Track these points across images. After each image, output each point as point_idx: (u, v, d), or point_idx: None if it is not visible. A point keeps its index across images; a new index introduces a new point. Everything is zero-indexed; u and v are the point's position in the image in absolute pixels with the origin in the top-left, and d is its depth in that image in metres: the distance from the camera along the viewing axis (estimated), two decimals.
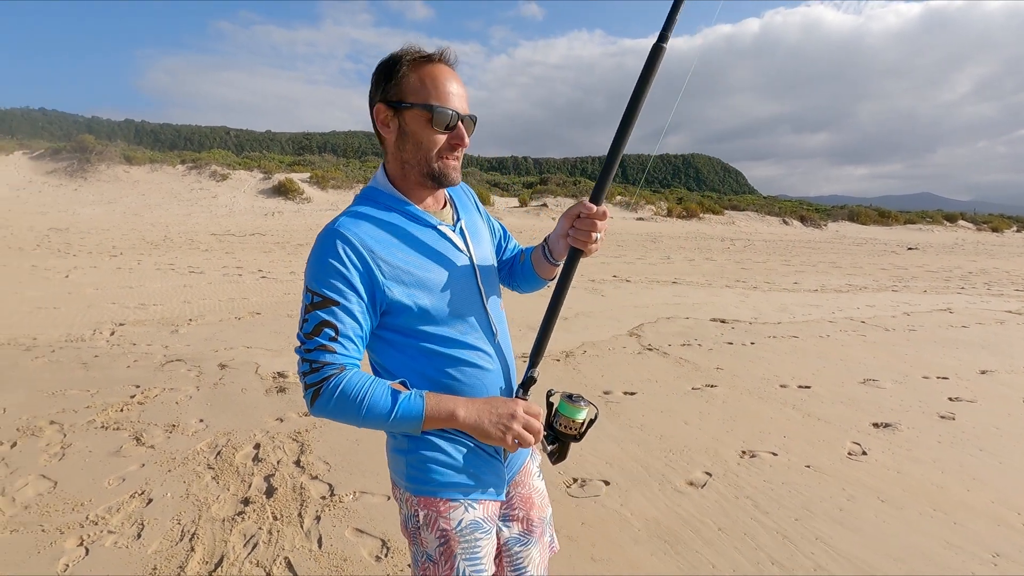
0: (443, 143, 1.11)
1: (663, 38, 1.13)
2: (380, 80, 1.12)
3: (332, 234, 1.07)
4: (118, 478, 2.78)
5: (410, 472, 1.14)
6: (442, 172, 1.13)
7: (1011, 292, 10.63)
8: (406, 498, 1.16)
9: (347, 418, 1.04)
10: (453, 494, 1.13)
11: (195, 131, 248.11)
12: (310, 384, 1.03)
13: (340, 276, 1.05)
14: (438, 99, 1.09)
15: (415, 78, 1.09)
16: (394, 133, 1.13)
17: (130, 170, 23.71)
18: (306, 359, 1.04)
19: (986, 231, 38.50)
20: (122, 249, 11.27)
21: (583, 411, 1.16)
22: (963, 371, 5.05)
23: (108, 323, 5.74)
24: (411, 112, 1.09)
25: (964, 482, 2.99)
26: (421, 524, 1.13)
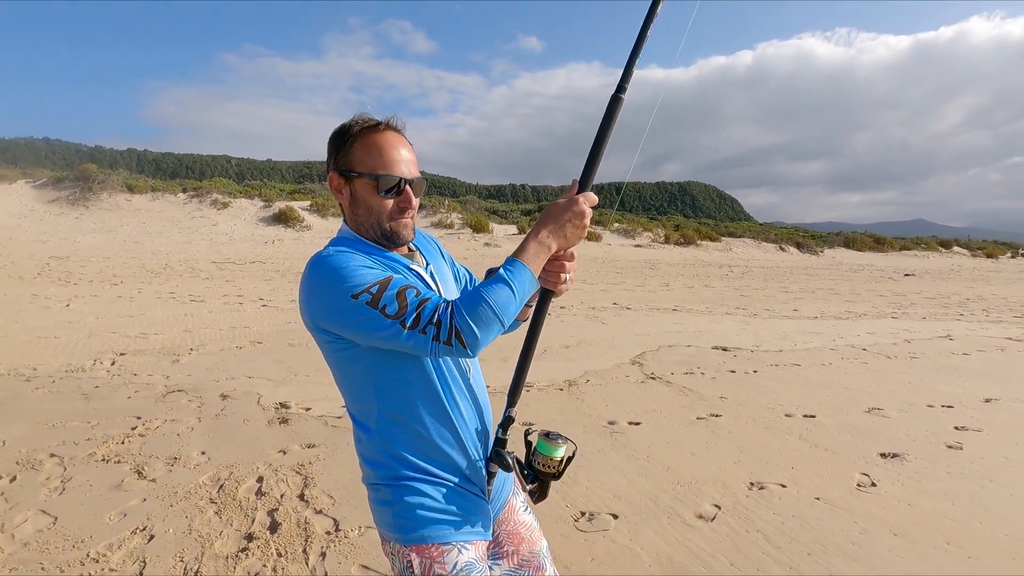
0: (392, 207, 1.17)
1: (621, 89, 1.16)
2: (332, 150, 1.19)
3: (331, 253, 1.10)
4: (119, 513, 2.74)
5: (397, 522, 1.13)
6: (394, 232, 1.19)
7: (1010, 319, 10.66)
8: (397, 550, 1.14)
9: (491, 326, 1.03)
10: (444, 537, 1.13)
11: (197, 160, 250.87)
12: (445, 337, 1.01)
13: (367, 267, 1.08)
14: (384, 167, 1.15)
15: (361, 147, 1.15)
16: (347, 199, 1.19)
17: (132, 198, 23.90)
18: (423, 326, 1.01)
19: (981, 257, 38.79)
20: (123, 278, 11.28)
21: (561, 448, 1.18)
22: (967, 399, 5.04)
23: (109, 353, 5.71)
24: (360, 180, 1.16)
25: (976, 515, 2.96)
26: (417, 574, 1.11)
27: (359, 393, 1.17)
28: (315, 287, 1.09)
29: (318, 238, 22.56)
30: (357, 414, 1.20)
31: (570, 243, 1.15)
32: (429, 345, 1.03)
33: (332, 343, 1.14)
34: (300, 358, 5.78)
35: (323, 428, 3.92)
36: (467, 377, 1.25)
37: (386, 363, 1.13)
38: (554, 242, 1.13)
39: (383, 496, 1.16)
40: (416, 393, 1.15)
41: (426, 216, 29.28)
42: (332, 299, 1.06)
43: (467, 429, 1.20)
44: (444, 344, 1.02)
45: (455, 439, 1.18)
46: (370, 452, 1.18)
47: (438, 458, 1.17)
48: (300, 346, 6.29)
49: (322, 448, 3.57)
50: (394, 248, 1.23)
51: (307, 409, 4.29)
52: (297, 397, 4.56)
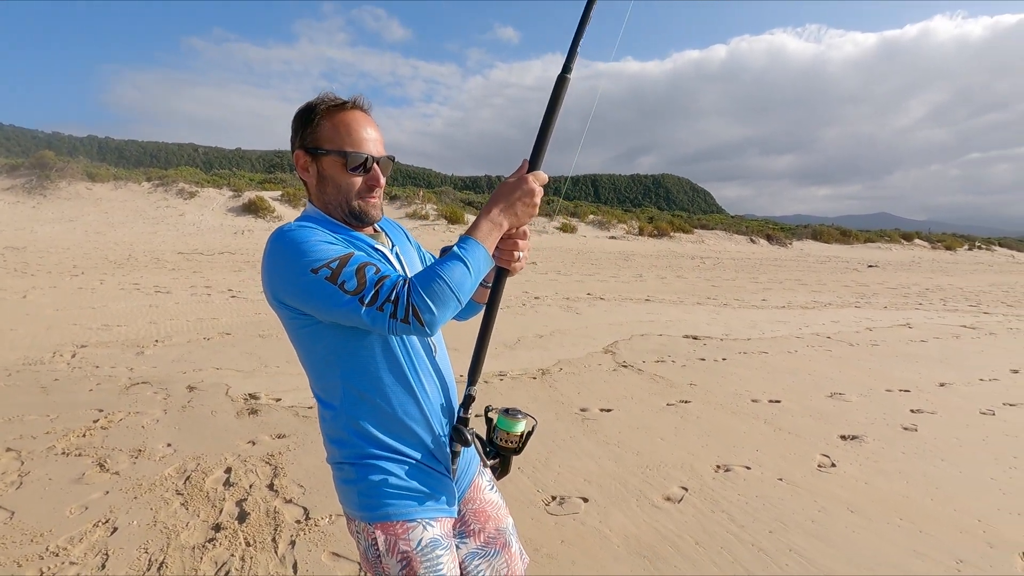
0: (360, 185, 1.18)
1: (566, 69, 1.19)
2: (298, 128, 1.18)
3: (293, 228, 1.09)
4: (80, 506, 2.67)
5: (362, 500, 1.13)
6: (362, 211, 1.19)
7: (965, 307, 11.12)
8: (362, 528, 1.15)
9: (447, 304, 1.03)
10: (409, 514, 1.14)
11: (161, 148, 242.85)
12: (403, 314, 1.01)
13: (329, 243, 1.08)
14: (352, 145, 1.15)
15: (329, 125, 1.16)
16: (314, 177, 1.19)
17: (93, 187, 23.05)
18: (380, 303, 1.01)
19: (940, 249, 40.28)
20: (84, 268, 10.90)
21: (520, 423, 1.21)
22: (923, 384, 5.25)
23: (69, 345, 5.53)
24: (327, 158, 1.16)
25: (928, 492, 3.10)
26: (381, 551, 1.12)
27: (323, 371, 1.17)
28: (275, 260, 1.08)
29: None
30: (321, 392, 1.19)
31: (521, 221, 1.16)
32: (387, 322, 1.02)
33: (294, 319, 1.14)
34: (270, 349, 5.69)
35: (293, 418, 3.87)
36: (432, 355, 1.25)
37: (350, 340, 1.13)
38: (505, 220, 1.13)
39: (347, 475, 1.16)
40: (381, 370, 1.15)
41: (400, 207, 28.98)
42: (291, 273, 1.06)
43: (432, 407, 1.20)
44: (401, 322, 1.02)
45: (420, 416, 1.18)
46: (334, 431, 1.17)
47: (403, 435, 1.17)
48: (270, 337, 6.19)
49: (292, 438, 3.53)
50: (360, 228, 1.23)
51: (277, 400, 4.24)
52: (267, 388, 4.49)
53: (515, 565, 1.32)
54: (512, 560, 1.32)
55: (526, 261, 1.24)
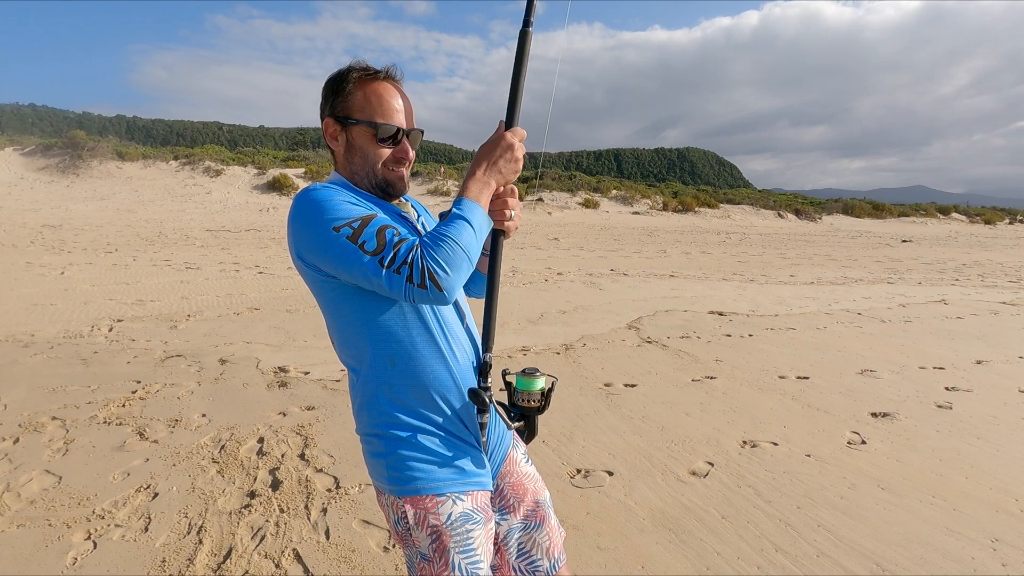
0: (388, 156, 1.18)
1: (527, 23, 1.18)
2: (328, 95, 1.18)
3: (319, 187, 1.10)
4: (123, 473, 2.78)
5: (391, 474, 1.12)
6: (388, 182, 1.19)
7: (1004, 283, 10.72)
8: (391, 502, 1.13)
9: (460, 265, 1.02)
10: (438, 488, 1.11)
11: (187, 126, 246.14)
12: (419, 279, 0.99)
13: (352, 204, 1.08)
14: (382, 116, 1.15)
15: (361, 95, 1.16)
16: (343, 146, 1.19)
17: (123, 166, 23.53)
18: (397, 265, 1.00)
19: (979, 223, 38.76)
20: (117, 245, 11.20)
21: (539, 380, 1.17)
22: (959, 361, 5.10)
23: (106, 319, 5.72)
24: (357, 128, 1.16)
25: (963, 470, 3.03)
26: (411, 524, 1.11)
27: (351, 336, 1.14)
28: (299, 217, 1.08)
29: None
30: (350, 359, 1.17)
31: (507, 178, 1.15)
32: (403, 287, 1.00)
33: (320, 280, 1.12)
34: (298, 324, 5.79)
35: (322, 391, 3.95)
36: (462, 320, 1.23)
37: (380, 303, 1.11)
38: (492, 178, 1.13)
39: (376, 448, 1.14)
40: (411, 335, 1.13)
41: (421, 183, 28.96)
42: (314, 230, 1.05)
43: (464, 374, 1.17)
44: (418, 287, 1.00)
45: (452, 384, 1.15)
46: (363, 398, 1.15)
47: (434, 404, 1.14)
48: (297, 312, 6.30)
49: (321, 410, 3.61)
50: (388, 200, 1.22)
51: (306, 373, 4.33)
52: (295, 361, 4.59)
53: (555, 537, 1.32)
54: (552, 533, 1.31)
55: (519, 221, 1.22)
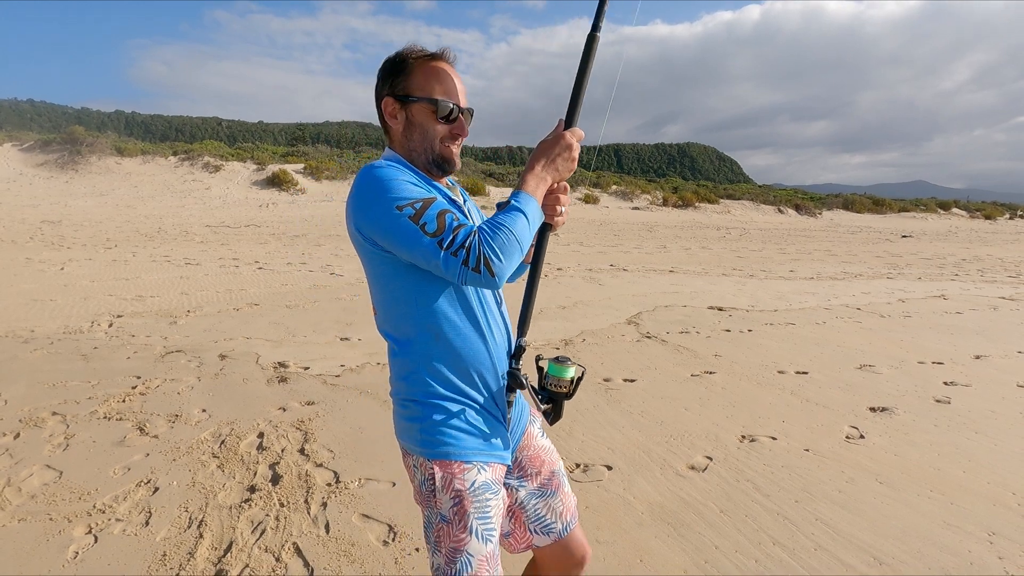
0: (445, 132, 1.23)
1: (595, 28, 1.25)
2: (387, 76, 1.23)
3: (383, 165, 1.16)
4: (123, 467, 2.79)
5: (424, 437, 1.18)
6: (444, 158, 1.24)
7: (1004, 279, 10.72)
8: (420, 463, 1.19)
9: (513, 254, 1.08)
10: (466, 456, 1.18)
11: (186, 122, 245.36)
12: (474, 263, 1.05)
13: (414, 185, 1.14)
14: (441, 93, 1.22)
15: (421, 75, 1.22)
16: (401, 124, 1.24)
17: (122, 162, 23.49)
18: (455, 249, 1.06)
19: (979, 219, 38.71)
20: (116, 241, 11.20)
21: (570, 370, 1.26)
22: (958, 356, 5.11)
23: (106, 315, 5.72)
24: (417, 105, 1.22)
25: (961, 464, 3.04)
26: (437, 486, 1.17)
27: (399, 309, 1.19)
28: (362, 194, 1.13)
29: (312, 201, 22.32)
30: (393, 330, 1.22)
31: (562, 175, 1.21)
32: (459, 269, 1.06)
33: (376, 255, 1.17)
34: (298, 319, 5.80)
35: (322, 386, 3.96)
36: (500, 305, 1.31)
37: (430, 281, 1.17)
38: (548, 175, 1.19)
39: (412, 412, 1.20)
40: (456, 313, 1.19)
41: None
42: (377, 207, 1.10)
43: (498, 353, 1.25)
44: (472, 271, 1.06)
45: (488, 362, 1.23)
46: (404, 368, 1.21)
47: (470, 378, 1.21)
48: (297, 308, 6.31)
49: (321, 405, 3.62)
50: (438, 178, 1.28)
51: (305, 368, 4.33)
52: (295, 357, 4.59)
53: (569, 503, 1.42)
54: (566, 499, 1.42)
55: (567, 216, 1.30)
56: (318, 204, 21.81)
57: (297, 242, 12.60)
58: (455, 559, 1.16)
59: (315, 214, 19.47)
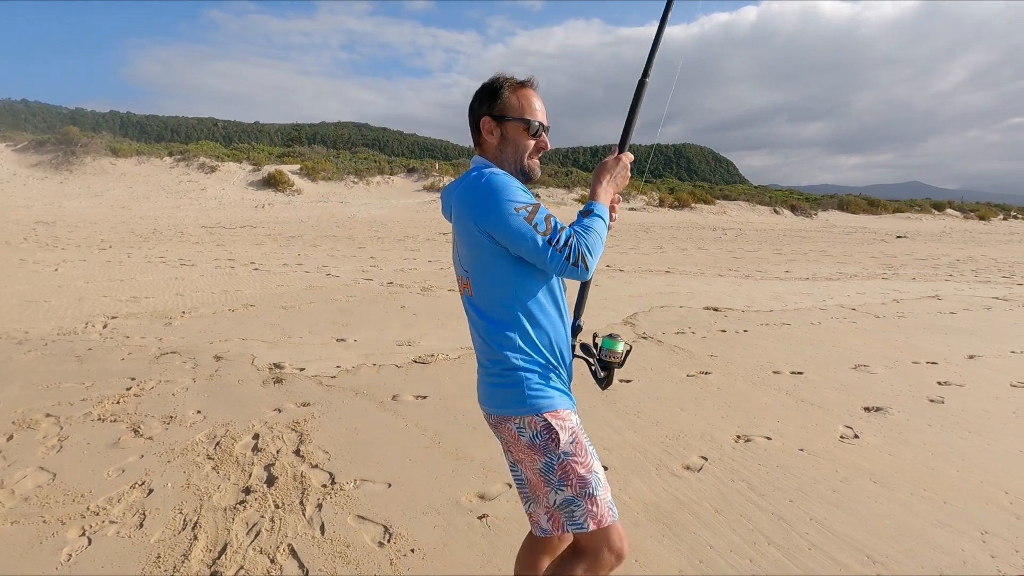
0: (532, 147, 1.50)
1: (645, 74, 1.66)
2: (485, 99, 1.48)
3: (500, 174, 1.40)
4: (117, 469, 2.78)
5: (530, 397, 1.41)
6: (530, 168, 1.51)
7: (998, 279, 10.78)
8: (528, 421, 1.41)
9: (599, 252, 1.38)
10: (566, 405, 1.45)
11: (182, 122, 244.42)
12: (575, 259, 1.32)
13: (525, 192, 1.39)
14: (531, 114, 1.47)
15: (514, 98, 1.47)
16: (496, 139, 1.48)
17: (117, 162, 23.40)
18: (560, 246, 1.32)
19: (973, 219, 38.94)
20: (111, 242, 11.16)
21: (621, 343, 1.58)
22: (952, 356, 5.13)
23: (100, 316, 5.70)
24: (511, 124, 1.47)
25: (954, 463, 3.06)
26: (555, 431, 1.40)
27: (505, 294, 1.42)
28: (483, 196, 1.35)
29: (308, 202, 22.28)
30: (496, 312, 1.43)
31: (619, 188, 1.56)
32: (560, 263, 1.32)
33: (489, 247, 1.39)
34: (293, 320, 5.79)
35: (317, 387, 3.95)
36: (565, 291, 1.57)
37: (533, 273, 1.42)
38: (611, 188, 1.53)
39: (515, 379, 1.41)
40: (548, 298, 1.46)
41: (418, 179, 28.90)
42: (498, 207, 1.33)
43: (567, 331, 1.53)
44: (572, 264, 1.33)
45: (565, 337, 1.50)
46: (507, 342, 1.42)
47: (553, 351, 1.46)
48: (293, 309, 6.30)
49: (316, 406, 3.61)
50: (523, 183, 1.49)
51: (301, 369, 4.32)
52: (291, 358, 4.59)
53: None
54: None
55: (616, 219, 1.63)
56: (314, 205, 21.77)
57: (293, 243, 12.57)
58: (587, 480, 1.41)
59: (311, 215, 19.44)
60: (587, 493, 1.40)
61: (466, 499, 2.60)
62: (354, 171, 27.54)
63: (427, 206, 23.80)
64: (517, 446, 1.44)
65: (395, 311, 6.37)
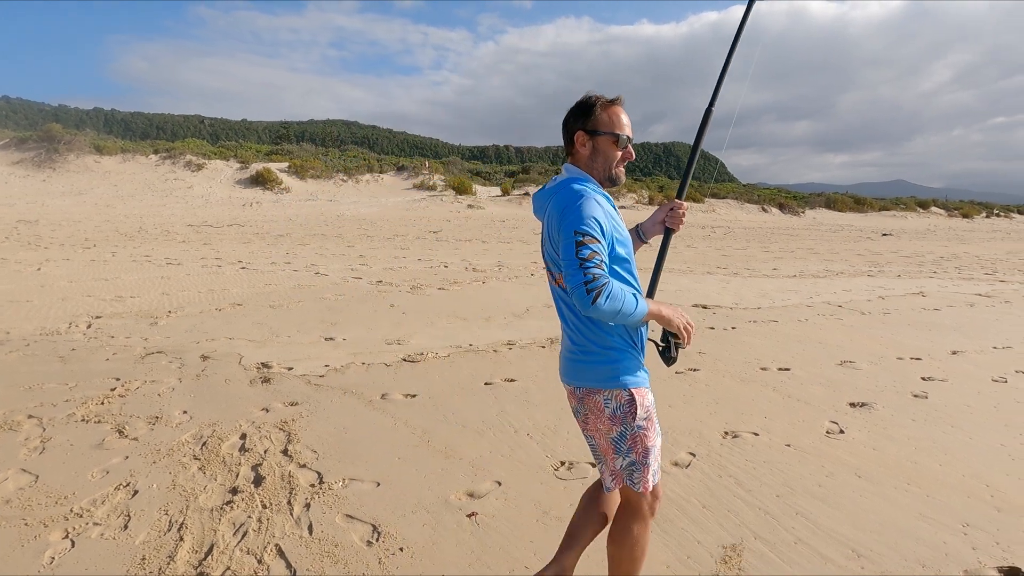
0: (619, 157, 1.71)
1: (712, 104, 1.97)
2: (579, 115, 1.69)
3: (589, 195, 1.60)
4: (102, 471, 2.74)
5: (622, 374, 1.65)
6: (617, 175, 1.73)
7: (980, 276, 10.95)
8: (614, 394, 1.65)
9: (612, 312, 1.49)
10: (647, 384, 1.71)
11: (168, 120, 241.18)
12: (591, 289, 1.46)
13: (598, 222, 1.55)
14: (619, 129, 1.68)
15: (605, 115, 1.68)
16: (588, 150, 1.69)
17: (101, 160, 23.07)
18: (587, 274, 1.47)
19: (957, 217, 39.52)
20: (95, 241, 11.00)
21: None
22: (935, 352, 5.21)
23: (84, 316, 5.62)
24: (603, 138, 1.68)
25: (937, 458, 3.10)
26: (637, 405, 1.65)
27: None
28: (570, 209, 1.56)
29: (297, 200, 22.12)
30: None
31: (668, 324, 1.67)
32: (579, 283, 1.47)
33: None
34: (281, 319, 5.74)
35: (305, 387, 3.93)
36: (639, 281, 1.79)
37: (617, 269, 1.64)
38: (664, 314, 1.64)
39: (611, 357, 1.65)
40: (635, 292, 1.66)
41: (408, 177, 28.78)
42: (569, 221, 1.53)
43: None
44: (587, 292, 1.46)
45: (645, 325, 1.73)
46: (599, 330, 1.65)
47: (638, 334, 1.72)
48: (281, 308, 6.25)
49: (304, 406, 3.59)
50: (608, 189, 1.73)
51: (289, 369, 4.29)
52: (279, 357, 4.55)
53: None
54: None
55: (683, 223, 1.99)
56: (303, 203, 21.62)
57: (281, 241, 12.48)
58: (649, 452, 1.68)
59: (300, 213, 19.30)
60: (647, 462, 1.68)
61: (455, 497, 2.60)
62: (343, 169, 27.36)
63: (417, 204, 23.72)
64: (600, 416, 1.68)
65: (384, 310, 6.34)
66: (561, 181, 1.68)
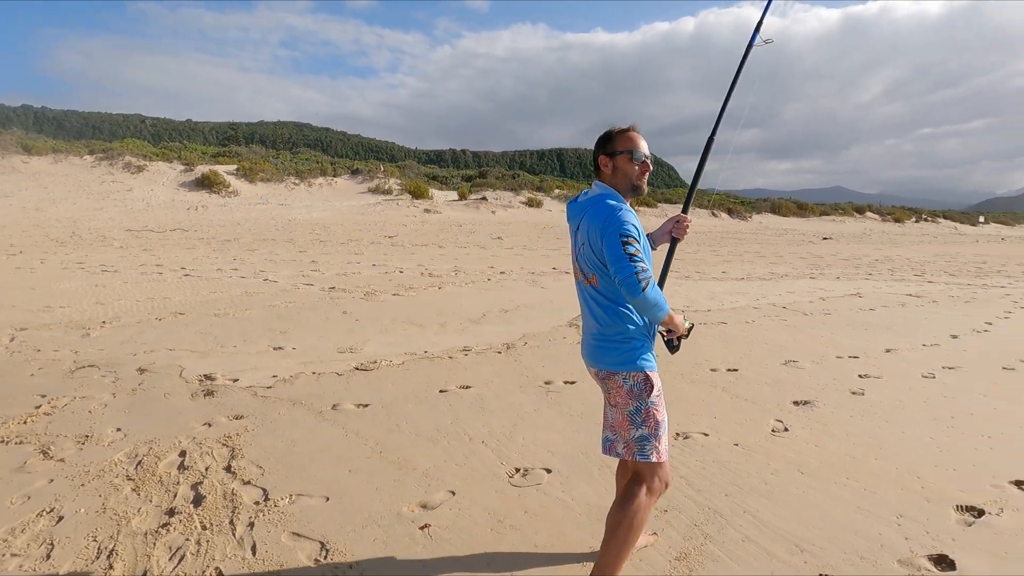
0: (637, 171, 2.02)
1: (714, 133, 2.39)
2: (601, 144, 2.04)
3: (626, 209, 1.93)
4: (22, 496, 2.54)
5: (638, 358, 1.96)
6: (639, 187, 2.04)
7: (911, 277, 11.65)
8: (631, 375, 1.95)
9: (653, 302, 1.84)
10: (655, 367, 2.00)
11: (105, 119, 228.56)
12: (641, 280, 1.80)
13: (636, 228, 1.90)
14: (635, 148, 2.00)
15: (621, 139, 2.02)
16: (610, 169, 2.02)
17: (29, 160, 21.65)
18: (636, 266, 1.80)
19: (890, 222, 41.94)
20: (22, 247, 10.29)
21: (687, 322, 2.07)
22: (871, 350, 5.49)
23: (7, 328, 5.23)
24: (621, 156, 2.01)
25: (873, 452, 3.26)
26: (652, 384, 1.97)
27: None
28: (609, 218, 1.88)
29: (246, 204, 21.37)
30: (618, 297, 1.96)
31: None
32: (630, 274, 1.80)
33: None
34: (227, 328, 5.51)
35: (252, 399, 3.77)
36: None
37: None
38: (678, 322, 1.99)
39: (632, 344, 1.97)
40: None
41: (363, 181, 28.29)
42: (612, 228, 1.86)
43: None
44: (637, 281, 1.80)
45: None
46: (626, 319, 1.96)
47: (652, 330, 2.04)
48: (227, 316, 6.00)
49: (250, 419, 3.44)
50: (631, 200, 2.03)
51: (234, 380, 4.12)
52: (223, 368, 4.36)
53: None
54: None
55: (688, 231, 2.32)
56: (252, 207, 20.90)
57: (228, 247, 12.01)
58: (659, 425, 1.97)
59: (248, 217, 18.65)
60: (658, 434, 1.97)
61: (408, 509, 2.55)
62: (295, 172, 26.62)
63: (372, 208, 23.31)
64: (619, 393, 1.98)
65: (336, 317, 6.18)
66: (595, 196, 2.00)
